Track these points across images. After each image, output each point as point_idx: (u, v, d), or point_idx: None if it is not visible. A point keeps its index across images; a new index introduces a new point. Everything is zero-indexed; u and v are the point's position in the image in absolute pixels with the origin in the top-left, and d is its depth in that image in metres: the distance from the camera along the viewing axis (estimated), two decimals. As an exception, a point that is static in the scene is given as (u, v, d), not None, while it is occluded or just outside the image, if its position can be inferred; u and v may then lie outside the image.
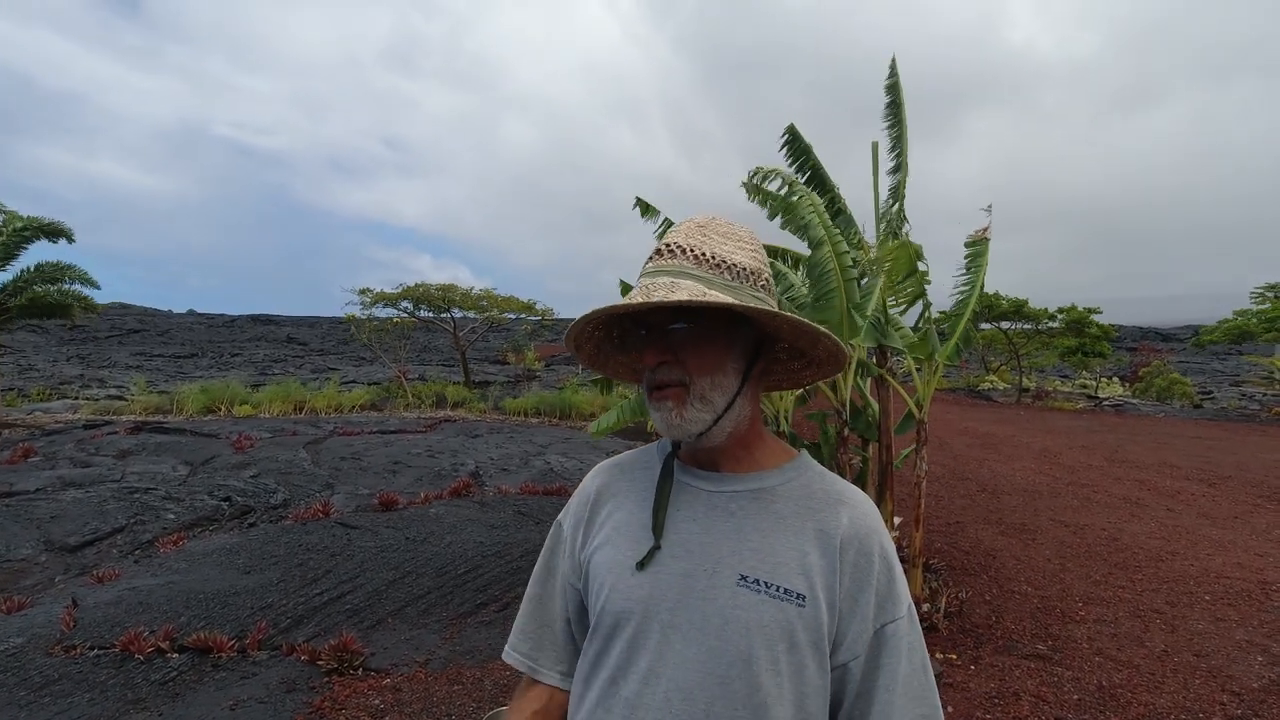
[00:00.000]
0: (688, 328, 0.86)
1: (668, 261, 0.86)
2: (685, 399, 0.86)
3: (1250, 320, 21.42)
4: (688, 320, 0.85)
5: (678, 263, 0.86)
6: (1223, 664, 3.76)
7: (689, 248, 0.86)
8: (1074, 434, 14.03)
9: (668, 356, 0.87)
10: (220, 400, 15.10)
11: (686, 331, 0.86)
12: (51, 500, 6.54)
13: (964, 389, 27.08)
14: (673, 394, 0.86)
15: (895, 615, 0.84)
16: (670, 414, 0.86)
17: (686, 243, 0.87)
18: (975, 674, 3.65)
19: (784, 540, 0.85)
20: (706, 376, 0.86)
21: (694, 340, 0.86)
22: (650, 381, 0.88)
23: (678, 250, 0.86)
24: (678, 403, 0.86)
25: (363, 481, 8.02)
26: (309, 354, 35.02)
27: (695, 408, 0.85)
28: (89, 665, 3.54)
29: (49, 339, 34.00)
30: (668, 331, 0.87)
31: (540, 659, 1.00)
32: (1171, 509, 7.35)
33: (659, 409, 0.87)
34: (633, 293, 0.86)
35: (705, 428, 0.86)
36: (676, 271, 0.85)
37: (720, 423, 0.87)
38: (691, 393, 0.85)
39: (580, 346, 0.97)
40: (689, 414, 0.85)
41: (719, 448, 0.91)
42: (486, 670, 3.66)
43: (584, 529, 0.99)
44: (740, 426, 0.90)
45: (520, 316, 21.58)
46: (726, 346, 0.88)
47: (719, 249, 0.87)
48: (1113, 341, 24.56)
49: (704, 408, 0.85)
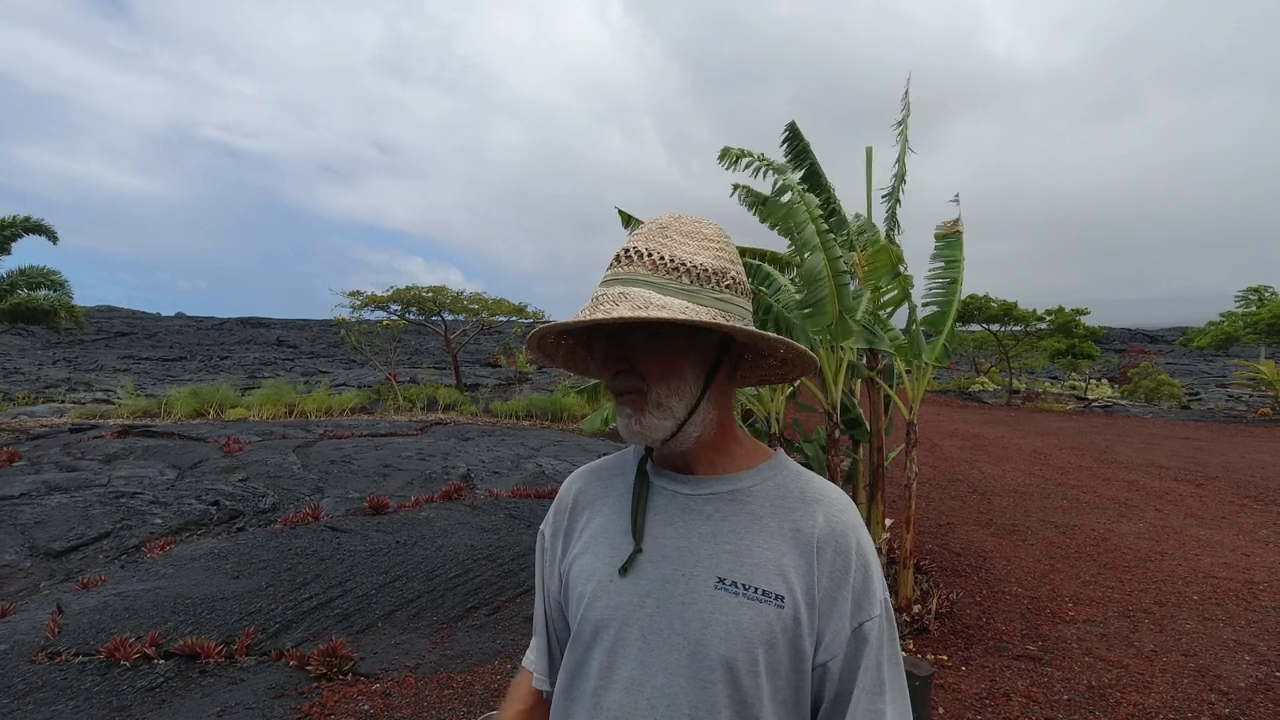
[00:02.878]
0: (642, 335, 0.85)
1: (623, 269, 0.84)
2: (643, 406, 0.85)
3: (1237, 324, 21.66)
4: (641, 328, 0.84)
5: (632, 270, 0.84)
6: (1211, 663, 3.78)
7: (646, 251, 0.84)
8: (1063, 435, 14.13)
9: (622, 365, 0.86)
10: (209, 403, 14.98)
11: (641, 338, 0.85)
12: (36, 505, 6.46)
13: (954, 391, 27.21)
14: (630, 401, 0.86)
15: (871, 613, 0.83)
16: (630, 420, 0.86)
17: (645, 246, 0.85)
18: (966, 675, 3.66)
19: (760, 541, 0.84)
20: (663, 383, 0.84)
21: (648, 347, 0.85)
22: (610, 388, 0.89)
23: (635, 255, 0.85)
24: (636, 410, 0.85)
25: (353, 485, 7.97)
26: (299, 357, 34.81)
27: (654, 415, 0.84)
28: (74, 672, 3.49)
29: (34, 342, 33.65)
30: (623, 339, 0.87)
31: (539, 666, 1.01)
32: (1160, 509, 7.41)
33: (621, 415, 0.87)
34: (582, 306, 0.85)
35: (668, 434, 0.85)
36: (628, 279, 0.83)
37: (685, 429, 0.86)
38: (649, 400, 0.85)
39: (551, 354, 0.96)
40: (648, 421, 0.85)
41: (689, 451, 0.90)
42: (476, 675, 3.64)
43: (563, 538, 0.98)
44: (708, 431, 0.89)
45: (511, 319, 21.54)
46: (683, 353, 0.86)
47: (678, 251, 0.85)
48: (1101, 343, 24.79)
49: (663, 415, 0.84)
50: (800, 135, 4.78)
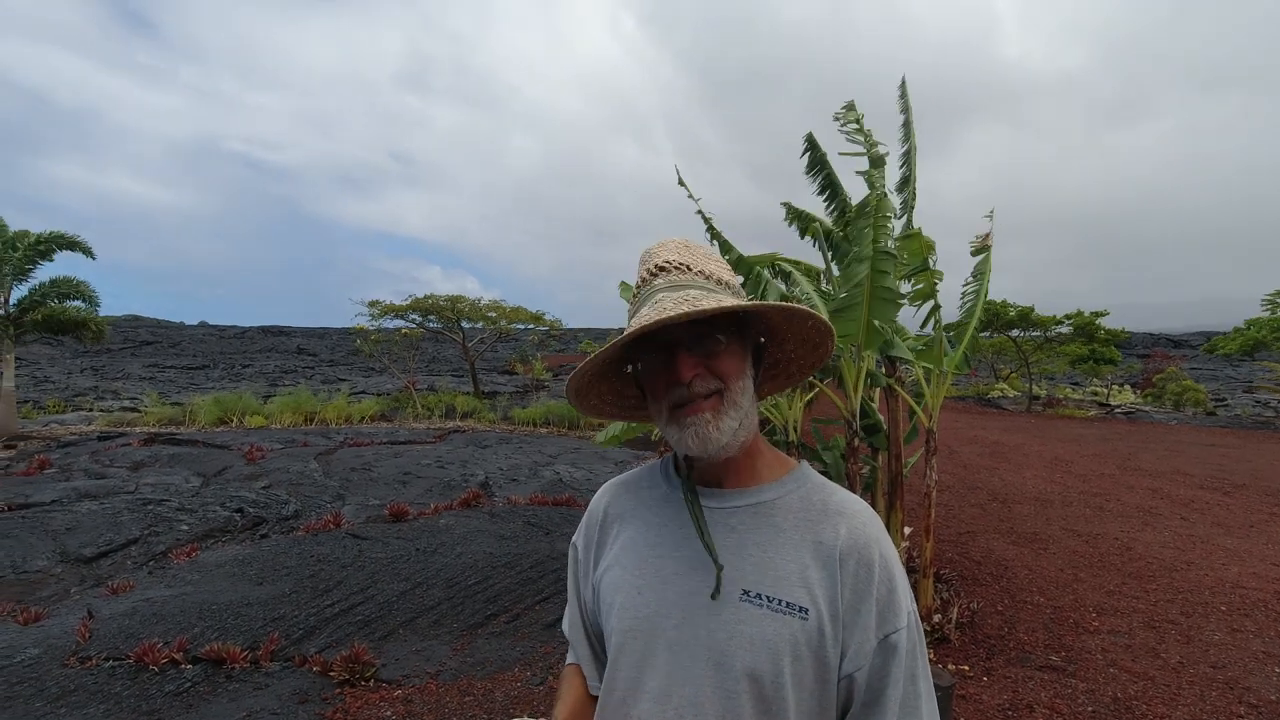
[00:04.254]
0: (707, 339, 0.86)
1: (676, 277, 0.88)
2: (721, 408, 0.85)
3: (1264, 329, 21.23)
4: (707, 333, 0.86)
5: (687, 278, 0.87)
6: (1240, 675, 3.71)
7: (688, 264, 0.89)
8: (1085, 442, 13.92)
9: (700, 369, 0.86)
10: (232, 411, 15.22)
11: (709, 342, 0.86)
12: (67, 512, 6.60)
13: (973, 397, 26.92)
14: (709, 404, 0.85)
15: (897, 625, 0.83)
16: (706, 426, 0.84)
17: (681, 260, 0.89)
18: (988, 685, 3.62)
19: (784, 554, 0.86)
20: (738, 381, 0.87)
21: (717, 350, 0.86)
22: (678, 399, 0.86)
23: (682, 266, 0.89)
24: (715, 413, 0.85)
25: (373, 492, 8.06)
26: (319, 365, 35.23)
27: (730, 416, 0.85)
28: (104, 676, 3.57)
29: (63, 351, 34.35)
30: (693, 345, 0.86)
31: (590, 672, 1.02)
32: (1186, 518, 7.28)
33: (692, 424, 0.85)
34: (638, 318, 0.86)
35: (733, 436, 0.86)
36: (687, 284, 0.87)
37: (738, 432, 0.87)
38: (726, 400, 0.85)
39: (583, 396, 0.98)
40: (724, 424, 0.85)
41: (728, 461, 0.91)
42: (497, 682, 3.67)
43: (595, 551, 1.00)
44: (750, 434, 0.91)
45: (528, 327, 21.68)
46: (743, 351, 0.89)
47: (706, 266, 0.90)
48: (1123, 348, 24.40)
49: (737, 414, 0.86)
50: (818, 145, 4.82)
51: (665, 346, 0.86)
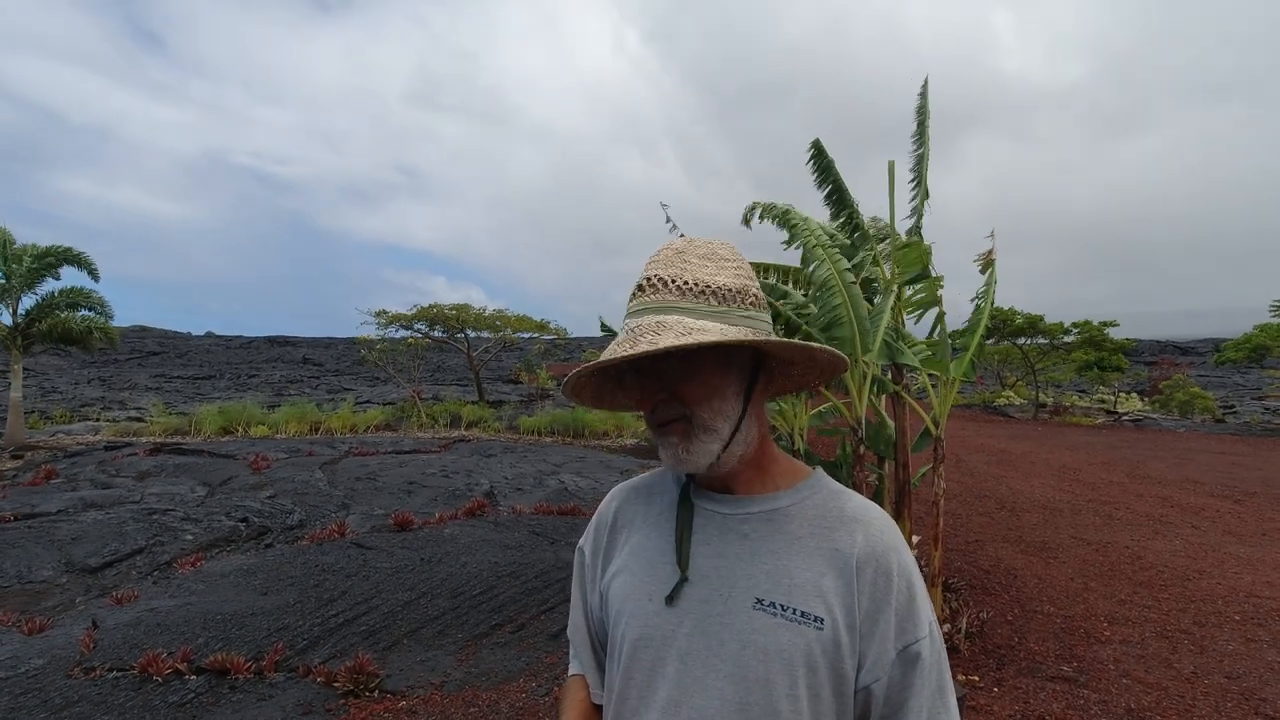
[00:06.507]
0: (676, 362, 0.84)
1: (650, 297, 0.84)
2: (689, 432, 0.84)
3: (1271, 336, 21.10)
4: (675, 355, 0.83)
5: (659, 297, 0.84)
6: (1255, 686, 3.66)
7: (670, 279, 0.84)
8: (1093, 450, 13.83)
9: (662, 395, 0.85)
10: (237, 421, 15.26)
11: (676, 366, 0.84)
12: (73, 522, 6.61)
13: (980, 405, 26.81)
14: (676, 429, 0.84)
15: (917, 636, 0.81)
16: (676, 449, 0.84)
17: (666, 273, 0.85)
18: (998, 696, 3.58)
19: (799, 562, 0.83)
20: (706, 406, 0.84)
21: (687, 373, 0.84)
22: (651, 420, 0.87)
23: (659, 284, 0.84)
24: (682, 438, 0.84)
25: (378, 502, 8.05)
26: (325, 374, 35.33)
27: (701, 440, 0.83)
28: (108, 687, 3.55)
29: (70, 361, 34.53)
30: (660, 369, 0.85)
31: (594, 680, 1.01)
32: (1197, 526, 7.21)
33: (665, 445, 0.85)
34: (618, 339, 0.84)
35: (714, 457, 0.84)
36: (659, 308, 0.83)
37: (729, 449, 0.85)
38: (695, 425, 0.83)
39: (579, 392, 0.96)
40: (695, 447, 0.83)
41: (731, 471, 0.89)
42: (502, 693, 3.64)
43: (603, 555, 0.98)
44: (750, 449, 0.88)
45: (533, 336, 21.72)
46: (723, 371, 0.85)
47: (700, 274, 0.85)
48: (1131, 355, 24.28)
49: (710, 438, 0.83)
50: (824, 152, 4.81)
51: (642, 368, 0.87)
